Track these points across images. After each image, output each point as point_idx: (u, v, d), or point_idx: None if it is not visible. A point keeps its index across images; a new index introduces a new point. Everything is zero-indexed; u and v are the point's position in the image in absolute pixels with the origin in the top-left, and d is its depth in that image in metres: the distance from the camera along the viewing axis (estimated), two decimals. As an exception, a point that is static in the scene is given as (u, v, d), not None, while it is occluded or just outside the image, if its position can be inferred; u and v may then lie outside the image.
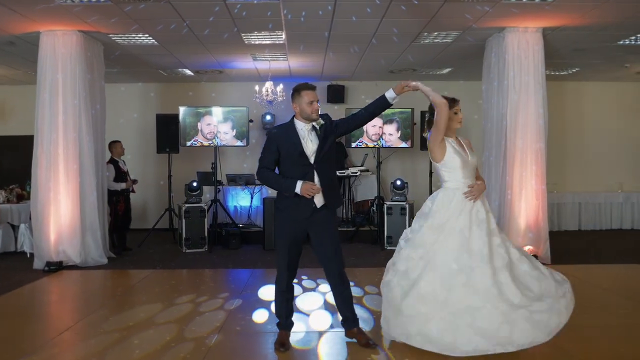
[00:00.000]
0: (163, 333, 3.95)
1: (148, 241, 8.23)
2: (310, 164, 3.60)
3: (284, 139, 3.63)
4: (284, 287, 3.71)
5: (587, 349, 3.55)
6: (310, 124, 3.66)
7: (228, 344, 3.79)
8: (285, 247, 3.66)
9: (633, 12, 6.03)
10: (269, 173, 3.65)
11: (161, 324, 4.17)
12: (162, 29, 6.55)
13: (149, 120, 10.27)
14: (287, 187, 3.57)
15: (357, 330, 3.77)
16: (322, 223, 3.64)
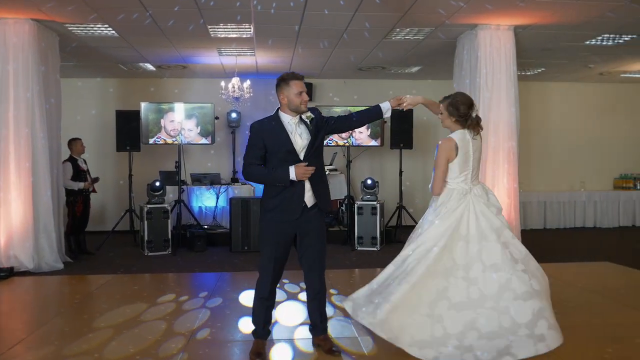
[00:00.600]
0: (126, 345, 3.64)
1: (107, 244, 7.81)
2: (300, 160, 3.36)
3: (270, 134, 3.37)
4: (266, 294, 3.45)
5: (575, 351, 3.45)
6: (298, 116, 3.42)
7: (198, 355, 3.52)
8: (272, 250, 3.40)
9: (601, 11, 6.05)
10: (256, 168, 3.39)
11: (124, 335, 3.85)
12: (122, 19, 6.17)
13: (108, 117, 9.78)
14: (281, 177, 3.32)
15: (324, 337, 3.58)
16: (312, 224, 3.42)
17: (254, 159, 3.38)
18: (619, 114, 10.90)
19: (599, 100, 10.86)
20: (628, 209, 10.44)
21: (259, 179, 3.48)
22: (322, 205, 3.44)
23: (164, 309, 4.53)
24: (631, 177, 10.74)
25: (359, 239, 7.85)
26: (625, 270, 6.15)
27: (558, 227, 10.21)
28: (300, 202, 3.37)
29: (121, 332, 3.92)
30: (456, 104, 3.61)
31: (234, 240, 7.60)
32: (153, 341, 3.72)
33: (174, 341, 3.73)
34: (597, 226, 10.31)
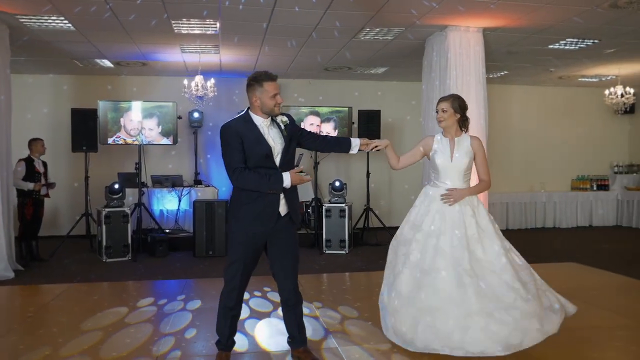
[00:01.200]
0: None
1: (61, 250, 7.37)
2: (276, 167, 3.16)
3: (247, 136, 3.13)
4: (233, 303, 3.25)
5: (560, 356, 3.41)
6: (269, 118, 3.22)
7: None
8: (242, 259, 3.19)
9: (569, 15, 6.14)
10: (249, 172, 3.12)
11: (85, 352, 3.55)
12: (80, 11, 5.80)
13: (62, 115, 9.29)
14: (275, 183, 3.11)
15: (303, 349, 3.39)
16: (285, 232, 3.24)
17: (241, 162, 3.12)
18: (576, 117, 11.21)
19: (557, 104, 11.14)
20: (585, 210, 10.74)
21: (253, 185, 3.14)
22: (294, 215, 3.27)
23: (129, 320, 4.23)
24: (588, 179, 11.05)
25: (327, 242, 7.71)
26: (592, 271, 6.25)
27: (520, 227, 10.38)
28: (274, 211, 3.18)
29: (83, 348, 3.62)
30: (461, 101, 3.64)
31: (197, 245, 7.31)
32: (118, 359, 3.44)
33: (136, 356, 3.47)
34: (556, 226, 10.56)
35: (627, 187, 10.72)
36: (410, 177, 10.35)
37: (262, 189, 3.14)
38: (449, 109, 3.57)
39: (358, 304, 4.73)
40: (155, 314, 4.45)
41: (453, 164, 3.57)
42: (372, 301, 4.69)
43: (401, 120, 10.46)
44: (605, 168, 11.32)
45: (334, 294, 5.21)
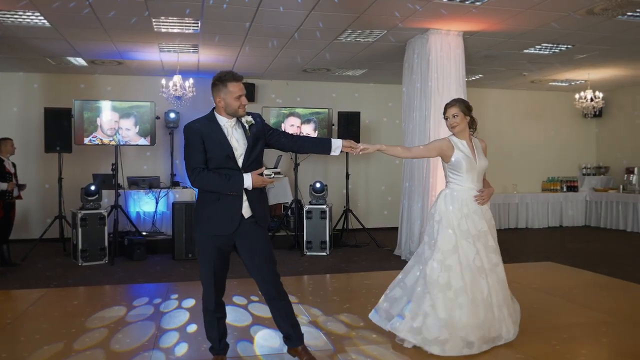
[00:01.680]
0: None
1: (33, 254, 7.12)
2: (239, 168, 3.09)
3: (209, 136, 3.05)
4: (212, 306, 3.19)
5: (552, 354, 3.48)
6: (234, 119, 3.14)
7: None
8: (208, 262, 3.11)
9: (547, 20, 6.30)
10: (209, 174, 3.05)
11: (73, 358, 3.43)
12: (58, 7, 5.62)
13: (32, 115, 9.03)
14: (235, 185, 3.04)
15: (301, 348, 3.31)
16: (252, 233, 3.14)
17: (201, 163, 3.04)
18: (546, 121, 11.52)
19: (528, 107, 11.41)
20: (556, 210, 11.03)
21: (213, 187, 3.06)
22: (259, 219, 3.16)
23: (116, 325, 4.11)
24: (558, 180, 11.35)
25: (308, 244, 7.68)
26: (568, 269, 6.41)
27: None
28: (236, 213, 3.09)
29: (69, 354, 3.49)
30: (467, 103, 3.75)
31: (177, 248, 7.17)
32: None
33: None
34: (528, 227, 10.80)
35: (595, 189, 11.06)
36: (387, 179, 10.44)
37: (221, 190, 3.06)
38: (459, 113, 3.66)
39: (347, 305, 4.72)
40: (143, 318, 4.34)
41: (477, 166, 3.66)
42: (361, 302, 4.70)
43: (378, 122, 10.53)
44: (574, 170, 11.66)
45: (321, 296, 5.19)
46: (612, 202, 10.48)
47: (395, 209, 10.27)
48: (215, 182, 3.04)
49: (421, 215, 6.89)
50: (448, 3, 5.69)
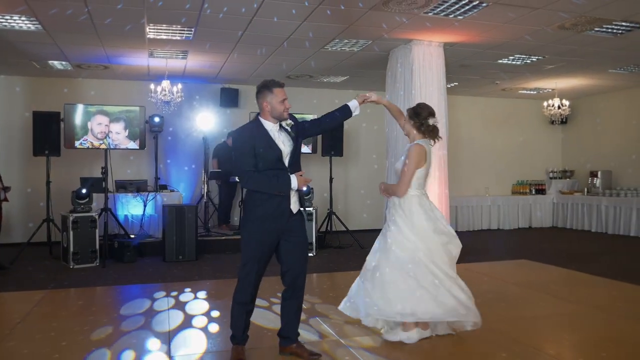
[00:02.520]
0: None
1: (20, 257, 7.12)
2: (285, 167, 3.38)
3: (260, 141, 3.33)
4: (248, 299, 3.42)
5: (536, 337, 3.83)
6: (278, 123, 3.44)
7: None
8: (257, 258, 3.36)
9: (521, 34, 6.75)
10: (259, 175, 3.31)
11: (99, 352, 3.58)
12: (55, 13, 5.73)
13: (14, 118, 9.03)
14: (284, 186, 3.32)
15: (297, 345, 3.53)
16: (296, 230, 3.46)
17: (251, 166, 3.30)
18: (515, 126, 12.10)
19: (498, 114, 11.96)
20: (525, 212, 11.58)
21: (264, 188, 3.35)
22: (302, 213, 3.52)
23: (128, 323, 4.26)
24: (527, 184, 11.92)
25: (295, 245, 7.90)
26: (542, 266, 6.85)
27: (468, 229, 11.03)
28: (287, 209, 3.39)
29: (91, 347, 3.64)
30: (417, 109, 3.94)
31: (168, 250, 7.29)
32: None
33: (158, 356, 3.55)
34: (500, 228, 11.31)
35: (561, 191, 11.66)
36: (366, 183, 10.77)
37: (271, 191, 3.33)
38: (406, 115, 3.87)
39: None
40: (153, 315, 4.49)
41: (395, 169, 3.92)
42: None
43: (357, 127, 10.85)
44: (542, 174, 12.26)
45: (317, 293, 5.44)
46: (577, 204, 11.08)
47: (374, 212, 10.63)
48: (266, 184, 3.32)
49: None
50: (433, 16, 6.06)
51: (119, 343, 3.77)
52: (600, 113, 11.48)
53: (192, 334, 4.04)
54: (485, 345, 3.71)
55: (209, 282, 5.97)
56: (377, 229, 8.21)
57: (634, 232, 9.78)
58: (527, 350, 3.59)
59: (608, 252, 8.07)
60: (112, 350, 3.62)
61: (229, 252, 8.03)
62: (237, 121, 9.94)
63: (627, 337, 3.85)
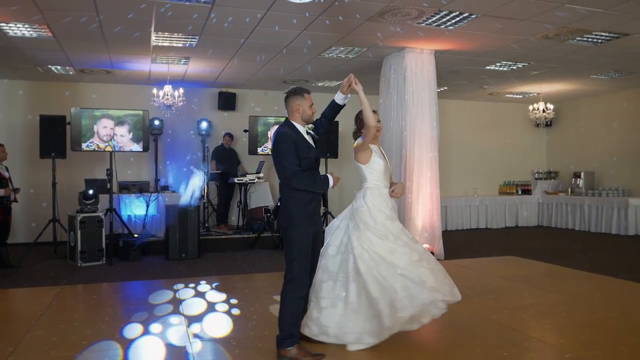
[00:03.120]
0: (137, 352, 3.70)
1: (27, 257, 7.36)
2: (317, 168, 3.66)
3: (300, 142, 3.51)
4: (305, 293, 3.56)
5: (522, 323, 4.20)
6: (305, 126, 3.68)
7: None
8: (306, 255, 3.51)
9: (508, 43, 7.15)
10: (304, 174, 3.46)
11: (124, 338, 3.89)
12: (68, 21, 6.01)
13: (17, 121, 9.27)
14: (326, 184, 3.53)
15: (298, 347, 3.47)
16: (320, 230, 3.69)
17: (297, 165, 3.44)
18: (502, 129, 12.54)
19: (486, 117, 12.40)
20: (512, 212, 12.02)
21: (309, 186, 3.49)
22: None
23: (144, 314, 4.56)
24: (513, 184, 12.37)
25: (292, 244, 8.22)
26: (527, 261, 7.25)
27: (457, 228, 11.45)
28: (320, 208, 3.68)
29: (114, 334, 3.94)
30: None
31: (171, 249, 7.58)
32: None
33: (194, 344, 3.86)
34: (488, 227, 11.73)
35: (546, 192, 12.12)
36: (358, 183, 11.10)
37: (315, 189, 3.52)
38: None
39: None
40: (173, 308, 4.79)
41: (389, 167, 4.02)
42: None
43: (348, 129, 11.10)
44: (528, 174, 12.72)
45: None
46: (562, 203, 11.54)
47: (367, 211, 10.97)
48: (311, 183, 3.48)
49: (398, 216, 7.57)
50: (425, 27, 6.43)
51: (139, 332, 4.07)
52: (584, 116, 11.95)
53: (210, 320, 4.34)
54: (477, 331, 4.07)
55: (214, 277, 6.26)
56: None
57: (615, 230, 10.25)
58: (514, 334, 3.96)
59: (589, 249, 8.50)
60: (134, 337, 3.92)
61: (228, 250, 8.34)
62: (234, 124, 10.29)
63: (602, 323, 4.24)
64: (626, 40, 7.00)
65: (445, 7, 5.70)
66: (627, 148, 10.93)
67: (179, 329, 4.17)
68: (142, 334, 4.02)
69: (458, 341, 3.85)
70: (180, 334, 4.04)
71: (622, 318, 4.38)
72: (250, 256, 7.88)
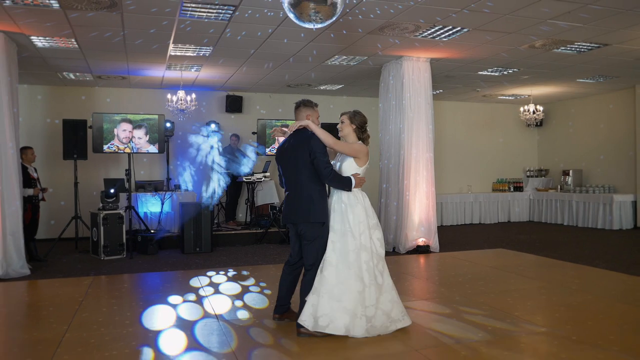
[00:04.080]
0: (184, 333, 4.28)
1: (51, 251, 7.93)
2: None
3: None
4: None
5: (506, 304, 4.80)
6: None
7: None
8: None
9: (498, 52, 7.74)
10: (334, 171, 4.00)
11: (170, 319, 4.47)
12: (94, 35, 6.57)
13: (37, 125, 9.81)
14: (350, 182, 3.98)
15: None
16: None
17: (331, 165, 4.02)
18: (495, 129, 13.16)
19: (480, 118, 13.01)
20: (504, 208, 12.64)
21: (336, 183, 3.98)
22: None
23: (176, 299, 5.14)
24: (506, 181, 12.99)
25: (298, 238, 8.82)
26: (516, 253, 7.86)
27: (452, 224, 12.06)
28: None
29: (153, 317, 4.51)
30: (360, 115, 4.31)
31: (186, 243, 8.16)
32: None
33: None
34: (481, 222, 12.35)
35: (537, 189, 12.74)
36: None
37: (343, 187, 3.99)
38: (347, 120, 4.17)
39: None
40: (200, 294, 5.37)
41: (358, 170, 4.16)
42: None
43: (351, 130, 11.77)
44: (520, 172, 13.34)
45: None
46: (552, 200, 12.16)
47: (367, 208, 11.56)
48: (340, 180, 3.98)
49: (396, 213, 8.18)
50: (421, 39, 7.02)
51: (175, 313, 4.66)
52: (573, 117, 12.57)
53: (234, 303, 4.93)
54: (467, 310, 4.66)
55: (229, 268, 6.84)
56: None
57: (601, 225, 10.88)
58: (499, 313, 4.55)
59: (574, 242, 9.12)
60: (171, 317, 4.50)
61: (238, 244, 8.94)
62: (241, 125, 10.88)
63: (577, 304, 4.84)
64: (607, 50, 7.60)
65: (439, 22, 6.29)
66: (612, 147, 11.56)
67: (208, 310, 4.75)
68: (176, 317, 4.60)
69: (448, 318, 4.43)
70: (209, 315, 4.62)
71: (595, 300, 4.98)
72: (259, 250, 8.46)
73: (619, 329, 4.10)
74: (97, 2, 5.36)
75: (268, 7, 5.59)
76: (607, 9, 5.78)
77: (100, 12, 5.67)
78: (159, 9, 5.61)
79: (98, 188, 9.60)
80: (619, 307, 4.76)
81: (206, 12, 5.77)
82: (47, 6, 5.49)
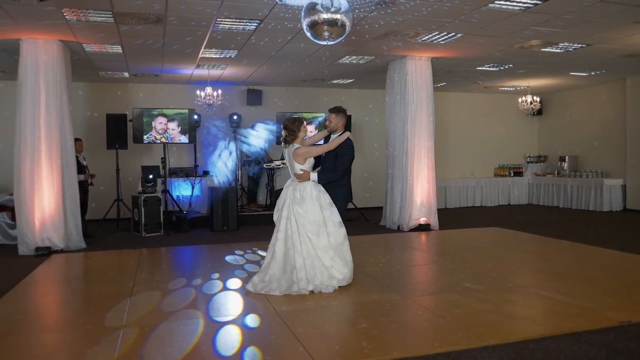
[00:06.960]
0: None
1: (97, 230, 9.09)
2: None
3: None
4: None
5: (495, 271, 5.81)
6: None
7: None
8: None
9: (492, 51, 8.65)
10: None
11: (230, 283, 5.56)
12: (138, 43, 7.62)
13: (78, 118, 10.92)
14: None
15: None
16: None
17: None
18: (497, 118, 14.05)
19: (482, 107, 13.90)
20: (505, 192, 13.58)
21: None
22: None
23: (220, 266, 6.23)
24: (506, 167, 13.90)
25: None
26: (511, 232, 8.83)
27: (455, 206, 13.04)
28: None
29: (205, 280, 5.59)
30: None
31: (215, 222, 9.27)
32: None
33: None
34: (483, 205, 13.31)
35: (536, 174, 13.65)
36: (368, 167, 12.72)
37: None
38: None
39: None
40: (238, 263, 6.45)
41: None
42: (371, 253, 6.94)
43: (360, 120, 12.78)
44: (520, 158, 14.24)
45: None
46: (549, 184, 13.07)
47: (375, 192, 12.61)
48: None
49: (401, 195, 9.20)
50: (421, 42, 7.97)
51: (221, 277, 5.74)
52: (569, 106, 13.42)
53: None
54: (457, 274, 5.66)
55: (255, 243, 7.91)
56: (378, 207, 10.25)
57: (592, 207, 11.79)
58: (479, 273, 5.58)
59: (565, 221, 10.07)
60: (219, 280, 5.59)
61: (260, 224, 10.02)
62: (261, 117, 11.90)
63: (560, 271, 5.78)
64: (591, 49, 8.48)
65: (436, 29, 7.24)
66: (605, 134, 12.41)
67: (246, 278, 5.84)
68: (219, 277, 5.69)
69: (447, 285, 5.45)
70: (247, 281, 5.70)
71: (578, 268, 5.94)
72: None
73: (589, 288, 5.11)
74: (146, 18, 6.40)
75: (288, 20, 6.59)
76: (577, 19, 6.68)
77: (147, 25, 6.71)
78: (197, 22, 6.64)
79: (133, 175, 10.77)
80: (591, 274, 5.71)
81: (236, 25, 6.78)
82: (104, 22, 6.55)
